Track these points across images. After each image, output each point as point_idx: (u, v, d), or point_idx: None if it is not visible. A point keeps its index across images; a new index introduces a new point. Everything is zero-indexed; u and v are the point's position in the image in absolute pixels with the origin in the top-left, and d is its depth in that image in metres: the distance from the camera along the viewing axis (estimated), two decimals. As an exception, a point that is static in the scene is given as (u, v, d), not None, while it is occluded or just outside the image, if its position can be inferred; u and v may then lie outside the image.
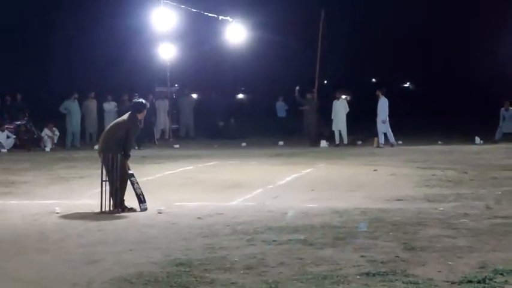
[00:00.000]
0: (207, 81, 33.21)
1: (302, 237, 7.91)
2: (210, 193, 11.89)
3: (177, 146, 22.89)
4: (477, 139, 22.18)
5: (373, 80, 51.45)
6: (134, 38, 29.28)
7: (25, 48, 32.62)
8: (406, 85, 55.88)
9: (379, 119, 21.61)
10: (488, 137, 22.38)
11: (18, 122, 22.32)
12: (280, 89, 30.72)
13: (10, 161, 18.02)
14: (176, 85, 30.00)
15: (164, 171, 15.28)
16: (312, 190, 11.99)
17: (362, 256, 6.93)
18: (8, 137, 21.64)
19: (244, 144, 23.32)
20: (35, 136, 22.40)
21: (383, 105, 21.70)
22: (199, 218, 9.37)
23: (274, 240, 7.77)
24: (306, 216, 9.37)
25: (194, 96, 29.07)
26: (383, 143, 21.38)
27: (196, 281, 6.10)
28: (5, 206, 10.57)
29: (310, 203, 10.61)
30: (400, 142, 22.65)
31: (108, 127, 10.60)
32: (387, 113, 21.51)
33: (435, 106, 35.66)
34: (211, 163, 17.11)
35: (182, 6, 18.85)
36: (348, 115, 22.65)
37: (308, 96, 23.22)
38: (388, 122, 21.49)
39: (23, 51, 32.44)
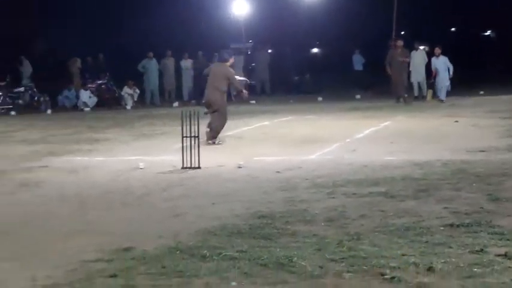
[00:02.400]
0: (282, 36, 32.99)
1: (383, 189, 7.89)
2: (287, 148, 11.95)
3: (253, 101, 22.98)
4: None
5: (453, 29, 50.04)
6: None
7: (103, 11, 33.14)
8: (486, 33, 54.12)
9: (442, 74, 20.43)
10: None
11: (100, 81, 22.85)
12: (356, 41, 30.25)
13: (93, 119, 18.52)
14: (251, 41, 29.96)
15: (241, 126, 15.41)
16: (391, 143, 11.89)
17: (445, 208, 6.87)
18: (90, 96, 22.23)
19: (320, 98, 23.22)
20: (116, 95, 22.92)
21: (444, 61, 20.64)
22: (278, 172, 9.44)
23: (354, 193, 7.77)
24: (386, 168, 9.32)
25: (269, 51, 28.96)
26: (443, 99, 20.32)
27: (279, 232, 6.18)
28: (90, 163, 10.92)
29: (389, 155, 10.52)
30: (481, 92, 22.12)
31: (209, 81, 12.78)
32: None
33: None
34: (288, 118, 17.14)
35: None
36: (427, 66, 22.15)
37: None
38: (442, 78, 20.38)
39: (101, 14, 32.98)
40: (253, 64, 27.48)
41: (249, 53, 28.16)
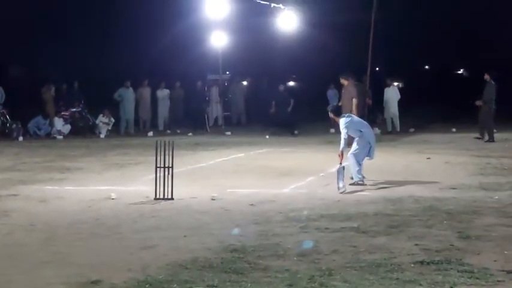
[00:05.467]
0: (259, 69, 33.18)
1: (355, 225, 7.90)
2: (262, 180, 11.93)
3: (229, 133, 23.00)
4: (534, 127, 21.66)
5: (426, 67, 50.76)
6: (186, 26, 29.48)
7: (78, 37, 33.10)
8: (459, 72, 54.88)
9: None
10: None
11: (74, 109, 22.71)
12: (331, 76, 30.46)
13: (66, 147, 18.36)
14: (228, 72, 30.07)
15: (216, 158, 15.38)
16: (364, 178, 11.90)
17: (416, 244, 6.89)
18: (63, 124, 22.04)
19: (296, 132, 23.28)
20: (90, 123, 22.78)
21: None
22: (252, 204, 9.42)
23: (327, 228, 7.77)
24: (359, 203, 9.35)
25: (245, 83, 29.10)
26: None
27: (251, 267, 6.14)
28: (61, 192, 10.78)
29: (362, 191, 10.56)
30: (454, 130, 22.31)
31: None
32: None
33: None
34: (263, 150, 17.15)
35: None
36: (400, 102, 22.41)
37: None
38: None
39: (76, 40, 32.93)
40: (229, 95, 27.56)
41: (226, 84, 28.25)
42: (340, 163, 11.00)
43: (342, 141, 11.17)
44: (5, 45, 28.38)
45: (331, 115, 11.95)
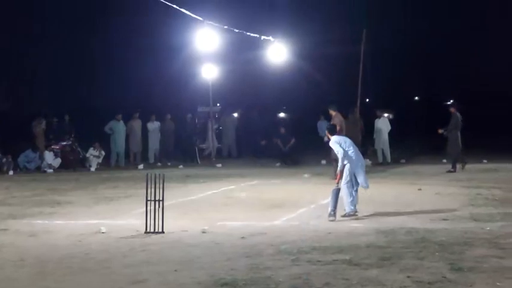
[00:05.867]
0: (249, 101, 33.32)
1: (347, 257, 7.86)
2: (253, 212, 11.89)
3: (220, 165, 22.96)
4: (524, 157, 21.73)
5: (416, 98, 51.07)
6: (177, 59, 29.65)
7: (69, 70, 33.20)
8: (449, 103, 55.20)
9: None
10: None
11: (64, 143, 22.64)
12: (321, 107, 30.59)
13: (56, 181, 18.28)
14: (218, 104, 30.15)
15: (207, 190, 15.34)
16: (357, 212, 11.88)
17: (408, 277, 6.86)
18: (55, 157, 21.96)
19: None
20: (80, 156, 22.69)
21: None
22: (243, 237, 9.38)
23: (318, 261, 7.73)
24: (351, 235, 9.32)
25: (236, 115, 29.16)
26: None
27: (241, 301, 6.09)
28: (51, 226, 10.71)
29: (354, 222, 10.55)
30: (444, 161, 22.37)
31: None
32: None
33: (479, 124, 35.17)
34: (254, 182, 17.12)
35: (225, 27, 19.02)
36: (391, 133, 22.48)
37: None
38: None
39: (67, 72, 33.02)
40: (220, 127, 27.58)
41: (217, 116, 28.30)
42: (337, 183, 11.03)
43: (340, 161, 11.26)
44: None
45: (326, 132, 12.05)
